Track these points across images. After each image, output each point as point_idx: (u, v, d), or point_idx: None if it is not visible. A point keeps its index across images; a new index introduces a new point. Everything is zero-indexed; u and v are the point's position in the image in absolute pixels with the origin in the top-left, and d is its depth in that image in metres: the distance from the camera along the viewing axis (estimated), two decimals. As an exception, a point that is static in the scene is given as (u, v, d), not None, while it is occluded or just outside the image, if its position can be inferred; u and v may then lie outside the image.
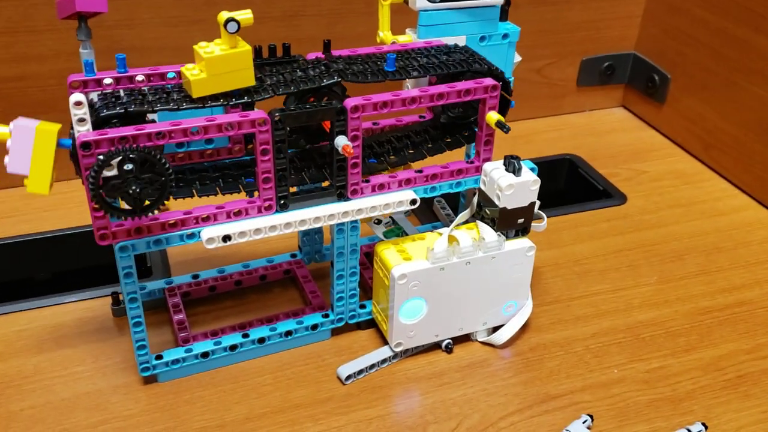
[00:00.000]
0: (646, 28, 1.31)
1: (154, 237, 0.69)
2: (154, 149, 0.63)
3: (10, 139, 0.61)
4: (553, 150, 1.24)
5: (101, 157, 0.61)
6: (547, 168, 1.21)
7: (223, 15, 0.65)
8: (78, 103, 0.62)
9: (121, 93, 0.68)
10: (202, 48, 0.66)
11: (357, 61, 0.76)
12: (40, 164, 0.61)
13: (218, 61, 0.66)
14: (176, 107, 0.66)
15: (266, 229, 0.71)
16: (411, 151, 0.82)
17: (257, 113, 0.67)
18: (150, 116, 0.71)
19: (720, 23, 1.15)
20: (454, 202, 0.96)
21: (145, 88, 0.70)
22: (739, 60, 1.13)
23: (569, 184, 1.22)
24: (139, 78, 0.74)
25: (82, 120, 0.63)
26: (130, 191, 0.63)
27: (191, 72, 0.66)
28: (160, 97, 0.67)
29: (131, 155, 0.62)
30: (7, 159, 0.61)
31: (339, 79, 0.71)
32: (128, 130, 0.63)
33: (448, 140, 0.83)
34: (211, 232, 0.69)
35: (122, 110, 0.66)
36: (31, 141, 0.61)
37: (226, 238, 0.70)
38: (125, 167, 0.62)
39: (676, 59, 1.25)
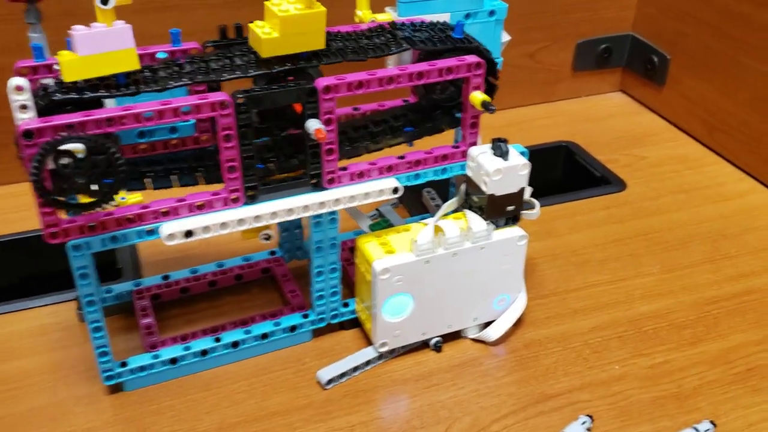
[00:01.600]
0: (643, 8, 1.26)
1: (109, 234, 0.63)
2: (103, 137, 0.57)
3: None
4: (549, 137, 1.18)
5: (44, 146, 0.56)
6: (542, 156, 1.15)
7: None
8: (18, 88, 0.57)
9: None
10: (276, 5, 0.63)
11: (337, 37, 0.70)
12: None
13: (293, 21, 0.63)
14: (134, 92, 0.61)
15: (233, 223, 0.65)
16: (390, 137, 0.76)
17: (217, 95, 0.62)
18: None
19: (719, 0, 1.09)
20: (445, 192, 0.90)
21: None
22: (742, 37, 1.07)
23: (566, 172, 1.17)
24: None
25: (24, 107, 0.58)
26: (77, 184, 0.57)
27: (262, 30, 0.63)
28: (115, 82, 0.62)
29: (78, 143, 0.56)
30: None
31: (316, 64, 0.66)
32: (75, 117, 0.58)
33: (429, 125, 0.77)
34: (171, 228, 0.64)
35: (77, 96, 0.60)
36: None
37: (189, 233, 0.64)
38: (70, 158, 0.56)
39: (675, 39, 1.19)
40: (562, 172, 1.17)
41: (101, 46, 0.60)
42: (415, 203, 0.99)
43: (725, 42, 1.10)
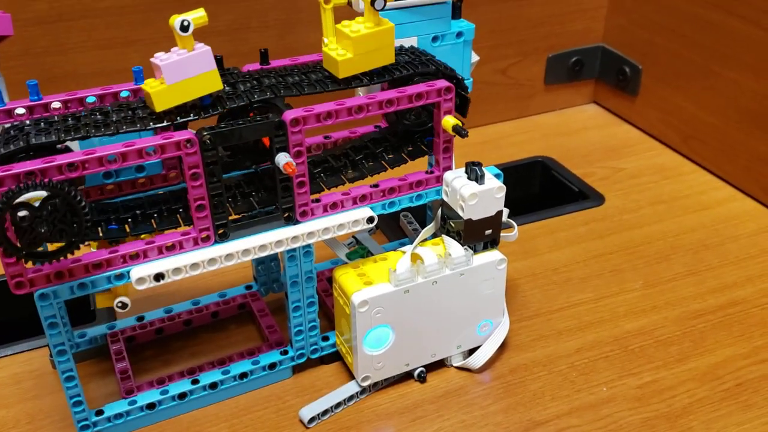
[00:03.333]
0: (612, 19, 1.25)
1: (77, 281, 0.61)
2: (65, 184, 0.55)
3: None
4: (524, 153, 1.17)
5: (3, 197, 0.54)
6: (518, 172, 1.14)
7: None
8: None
9: (27, 124, 0.61)
10: (347, 27, 0.65)
11: (294, 71, 0.69)
12: None
13: (365, 40, 0.65)
14: (85, 135, 0.59)
15: (204, 263, 0.64)
16: (370, 163, 0.75)
17: (182, 134, 0.60)
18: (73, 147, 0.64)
19: (690, 8, 1.09)
20: (422, 216, 0.89)
21: (56, 116, 0.62)
22: (713, 45, 1.07)
23: (543, 188, 1.16)
24: (55, 105, 0.67)
25: (-21, 156, 0.56)
26: (40, 233, 0.55)
27: (337, 52, 0.65)
28: (71, 125, 0.60)
29: (36, 192, 0.54)
30: None
31: (271, 95, 0.64)
32: (36, 164, 0.56)
33: (410, 149, 0.75)
34: (141, 271, 0.62)
35: (24, 144, 0.58)
36: None
37: (159, 276, 0.62)
38: (27, 210, 0.54)
39: (646, 49, 1.19)
40: (539, 187, 1.16)
41: (187, 72, 0.60)
42: (392, 227, 0.97)
43: (696, 50, 1.10)
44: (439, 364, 0.76)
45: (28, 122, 0.61)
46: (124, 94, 0.69)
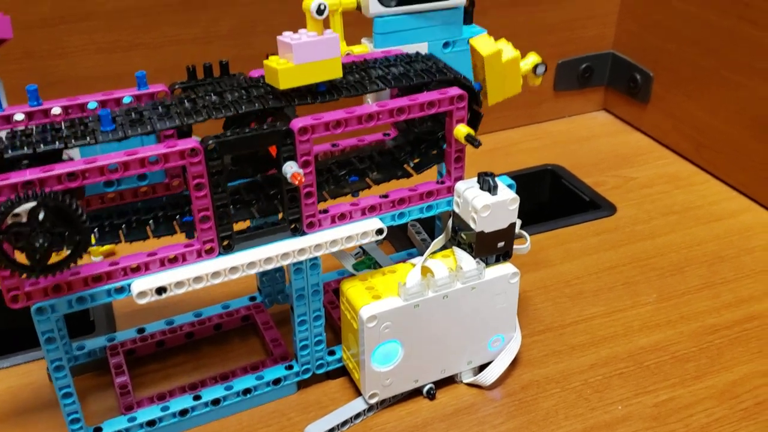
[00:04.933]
0: (623, 25, 1.23)
1: (76, 294, 0.59)
2: (65, 194, 0.53)
3: None
4: (534, 161, 1.15)
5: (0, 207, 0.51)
6: (528, 181, 1.12)
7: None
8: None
9: (33, 130, 0.59)
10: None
11: None
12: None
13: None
14: (93, 141, 0.57)
15: (208, 276, 0.61)
16: (375, 174, 0.73)
17: (186, 142, 0.58)
18: (70, 154, 0.62)
19: (702, 14, 1.07)
20: (431, 225, 0.87)
21: (62, 122, 0.60)
22: (726, 52, 1.04)
23: (553, 197, 1.13)
24: (56, 111, 0.65)
25: (-25, 165, 0.53)
26: (36, 245, 0.53)
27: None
28: (77, 131, 0.58)
29: (36, 203, 0.52)
30: None
31: (259, 107, 0.62)
32: (34, 173, 0.54)
33: (417, 160, 0.73)
34: (142, 285, 0.60)
35: (30, 151, 0.56)
36: None
37: (161, 290, 0.60)
38: (26, 219, 0.52)
39: (657, 56, 1.17)
40: (549, 196, 1.14)
41: (314, 55, 0.60)
42: (399, 237, 0.95)
43: (708, 57, 1.08)
44: (449, 381, 0.74)
45: (34, 128, 0.59)
46: (127, 100, 0.67)
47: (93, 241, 0.64)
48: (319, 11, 0.60)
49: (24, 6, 0.89)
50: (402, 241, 0.94)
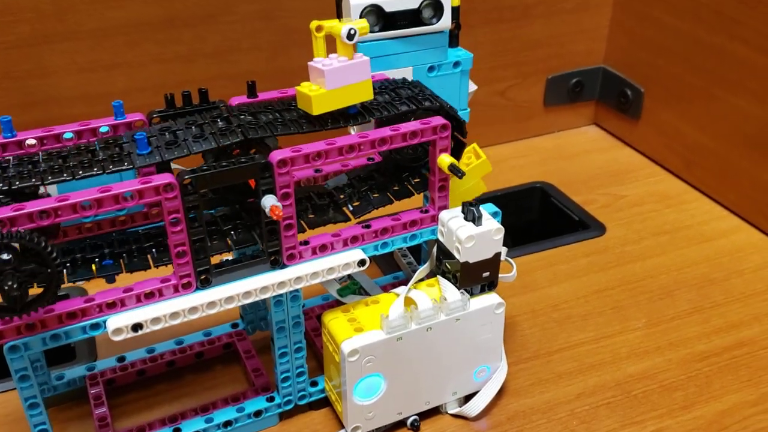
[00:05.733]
0: (614, 40, 1.22)
1: (50, 332, 0.58)
2: (34, 234, 0.52)
3: None
4: (522, 178, 1.14)
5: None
6: (516, 199, 1.11)
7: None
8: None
9: (10, 162, 0.58)
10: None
11: (268, 108, 0.65)
12: None
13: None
14: (71, 177, 0.56)
15: (185, 312, 0.60)
16: (356, 203, 0.72)
17: (161, 177, 0.56)
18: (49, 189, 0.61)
19: (692, 31, 1.06)
20: (418, 249, 0.85)
21: (39, 154, 0.59)
22: (716, 69, 1.03)
23: (541, 216, 1.12)
24: (30, 142, 0.63)
25: (-56, 203, 0.52)
26: (6, 287, 0.51)
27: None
28: (54, 165, 0.57)
29: (4, 244, 0.51)
30: None
31: (240, 139, 0.60)
32: (4, 212, 0.52)
33: (396, 188, 0.72)
34: (118, 322, 0.58)
35: (5, 187, 0.55)
36: None
37: (137, 327, 0.59)
38: (-1, 258, 0.51)
39: (648, 71, 1.16)
40: (538, 215, 1.13)
41: (347, 79, 0.61)
42: (386, 260, 0.94)
43: (699, 74, 1.07)
44: (434, 412, 0.73)
45: (11, 160, 0.58)
46: (103, 130, 0.65)
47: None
48: (350, 36, 0.60)
49: (3, 26, 0.87)
50: (389, 265, 0.93)
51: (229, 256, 0.67)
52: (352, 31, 0.60)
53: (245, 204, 0.68)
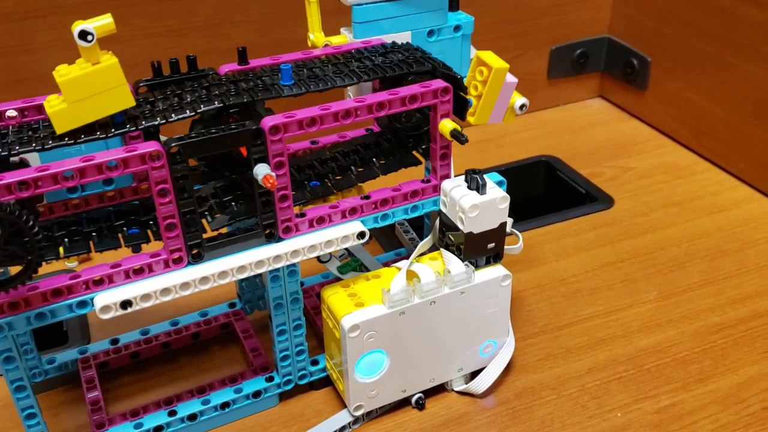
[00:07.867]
0: (619, 9, 1.19)
1: (34, 311, 0.55)
2: (13, 205, 0.49)
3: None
4: (528, 152, 1.11)
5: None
6: (521, 173, 1.08)
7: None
8: None
9: None
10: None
11: (249, 76, 0.62)
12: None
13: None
14: (41, 147, 0.53)
15: (176, 288, 0.57)
16: (360, 169, 0.69)
17: (148, 145, 0.53)
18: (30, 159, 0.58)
19: (701, -4, 1.02)
20: (419, 223, 0.82)
21: (9, 127, 0.56)
22: (727, 35, 1.00)
23: (548, 190, 1.09)
24: (11, 113, 0.60)
25: None
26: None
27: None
28: (23, 137, 0.54)
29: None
30: None
31: (220, 104, 0.57)
32: (-19, 183, 0.50)
33: (401, 156, 0.69)
34: (105, 299, 0.55)
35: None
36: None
37: (126, 304, 0.56)
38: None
39: (655, 40, 1.12)
40: (544, 189, 1.10)
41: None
42: (387, 236, 0.91)
43: (709, 41, 1.03)
44: (439, 389, 0.70)
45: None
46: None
47: (62, 252, 0.60)
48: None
49: (-14, 1, 0.85)
50: (390, 241, 0.90)
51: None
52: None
53: (246, 175, 0.65)
